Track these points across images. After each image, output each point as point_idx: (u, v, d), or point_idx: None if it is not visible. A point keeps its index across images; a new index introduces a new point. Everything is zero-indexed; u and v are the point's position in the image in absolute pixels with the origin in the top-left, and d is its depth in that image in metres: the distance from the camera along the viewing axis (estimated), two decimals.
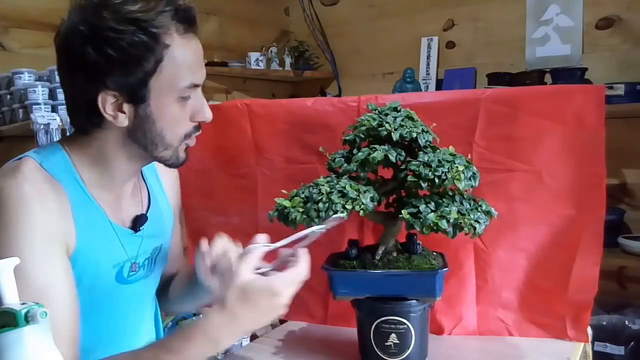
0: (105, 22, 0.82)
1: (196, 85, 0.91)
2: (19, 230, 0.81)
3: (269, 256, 0.87)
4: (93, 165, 0.92)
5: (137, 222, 1.00)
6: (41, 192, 0.84)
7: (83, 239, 0.89)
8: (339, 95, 3.08)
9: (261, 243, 0.86)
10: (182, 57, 0.87)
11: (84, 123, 0.91)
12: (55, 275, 0.83)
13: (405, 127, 0.98)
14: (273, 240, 0.87)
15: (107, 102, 0.86)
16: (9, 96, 1.90)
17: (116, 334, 0.98)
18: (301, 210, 0.95)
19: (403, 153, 0.98)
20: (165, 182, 1.13)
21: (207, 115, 0.93)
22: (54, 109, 1.77)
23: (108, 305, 0.96)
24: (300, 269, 0.84)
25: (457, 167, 0.93)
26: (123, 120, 0.87)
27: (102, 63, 0.83)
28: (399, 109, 1.03)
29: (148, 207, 1.05)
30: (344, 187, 0.94)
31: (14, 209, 0.81)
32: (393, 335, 1.00)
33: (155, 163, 1.00)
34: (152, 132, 0.89)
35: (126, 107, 0.87)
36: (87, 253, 0.89)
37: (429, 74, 2.55)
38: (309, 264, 0.85)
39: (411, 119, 1.00)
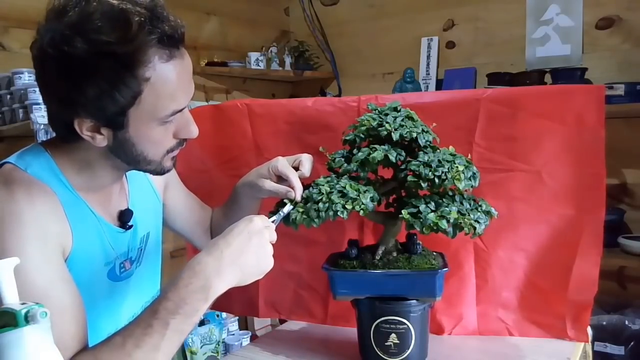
0: (78, 51, 0.74)
1: (180, 111, 0.86)
2: (13, 235, 0.79)
3: None
4: (79, 170, 0.90)
5: (124, 218, 0.99)
6: (31, 196, 0.82)
7: (79, 240, 0.88)
8: (339, 95, 3.08)
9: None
10: (164, 87, 0.80)
11: (65, 135, 0.88)
12: (55, 273, 0.82)
13: (405, 127, 0.98)
14: None
15: (83, 126, 0.82)
16: (9, 96, 1.90)
17: (114, 329, 0.98)
18: (301, 210, 0.95)
19: (403, 153, 0.98)
20: None
21: (193, 132, 0.90)
22: None
23: (104, 303, 0.96)
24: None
25: (457, 167, 0.93)
26: (101, 142, 0.84)
27: (75, 96, 0.77)
28: (399, 109, 1.03)
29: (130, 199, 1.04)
30: (344, 187, 0.94)
31: (6, 214, 0.80)
32: (393, 335, 1.00)
33: None
34: (133, 153, 0.87)
35: (104, 130, 0.83)
36: (82, 253, 0.89)
37: (429, 74, 2.55)
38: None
39: (411, 119, 1.00)
